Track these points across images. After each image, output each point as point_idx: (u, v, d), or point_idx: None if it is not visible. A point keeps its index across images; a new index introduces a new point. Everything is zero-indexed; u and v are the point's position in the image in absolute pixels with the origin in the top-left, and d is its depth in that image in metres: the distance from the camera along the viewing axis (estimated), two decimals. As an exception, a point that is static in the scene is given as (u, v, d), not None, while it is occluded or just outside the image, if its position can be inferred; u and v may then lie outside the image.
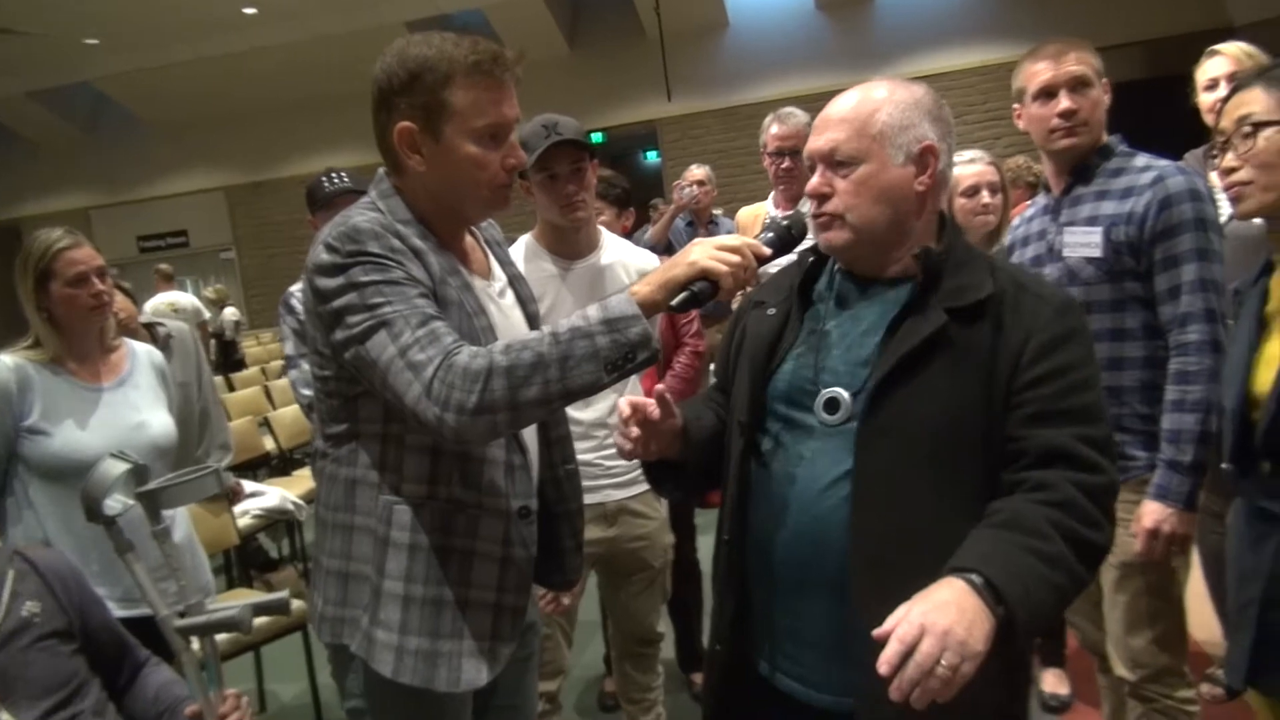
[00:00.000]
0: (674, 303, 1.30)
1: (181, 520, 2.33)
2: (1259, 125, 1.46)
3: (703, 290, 1.29)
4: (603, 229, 2.38)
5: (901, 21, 10.58)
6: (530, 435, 1.57)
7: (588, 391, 1.30)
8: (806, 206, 1.43)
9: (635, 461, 1.50)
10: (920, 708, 1.01)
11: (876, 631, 1.04)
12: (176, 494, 1.61)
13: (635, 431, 1.33)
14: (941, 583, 1.08)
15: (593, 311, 1.29)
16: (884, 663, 1.01)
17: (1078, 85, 1.94)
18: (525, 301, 1.63)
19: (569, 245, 2.26)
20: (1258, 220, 1.53)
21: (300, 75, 11.61)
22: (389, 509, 1.42)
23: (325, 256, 1.36)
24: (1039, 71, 1.97)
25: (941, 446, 1.23)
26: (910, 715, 1.17)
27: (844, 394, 1.29)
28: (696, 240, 1.35)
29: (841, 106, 1.34)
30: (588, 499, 1.78)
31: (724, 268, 1.28)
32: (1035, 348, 1.23)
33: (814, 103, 1.37)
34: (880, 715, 1.20)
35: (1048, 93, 1.96)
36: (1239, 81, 1.53)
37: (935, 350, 1.23)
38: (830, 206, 1.31)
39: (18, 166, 13.60)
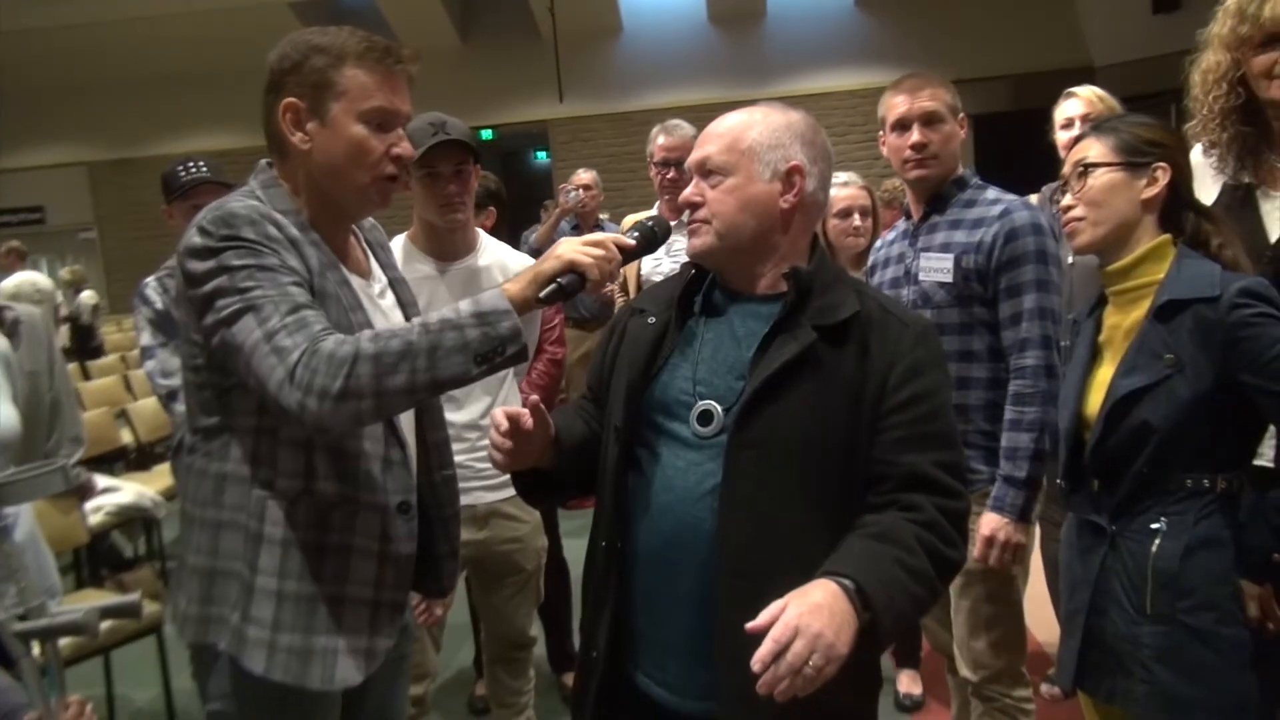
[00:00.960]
0: (542, 295, 1.33)
1: (24, 518, 2.21)
2: (1090, 167, 1.59)
3: (570, 283, 1.33)
4: (480, 231, 2.38)
5: (790, 40, 10.89)
6: (409, 434, 1.55)
7: (455, 383, 1.31)
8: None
9: None
10: (781, 700, 1.07)
11: (750, 625, 1.09)
12: (17, 491, 1.54)
13: (508, 444, 1.34)
14: (816, 583, 1.14)
15: (464, 305, 1.30)
16: (758, 660, 1.06)
17: (930, 120, 2.05)
18: (406, 305, 1.62)
19: (445, 246, 2.25)
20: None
21: (176, 49, 11.06)
22: (262, 504, 1.38)
23: (198, 240, 1.33)
24: (896, 104, 2.09)
25: (807, 461, 1.28)
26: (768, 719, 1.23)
27: (717, 407, 1.33)
28: (563, 239, 1.39)
29: (720, 124, 1.40)
30: (460, 501, 1.77)
31: (589, 260, 1.32)
32: (900, 373, 1.30)
33: (704, 113, 1.43)
34: (739, 718, 1.26)
35: (903, 125, 2.08)
36: (1080, 133, 1.67)
37: (804, 368, 1.29)
38: (699, 213, 1.38)
39: None
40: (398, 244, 2.24)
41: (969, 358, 2.04)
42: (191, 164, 2.63)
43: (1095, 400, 1.57)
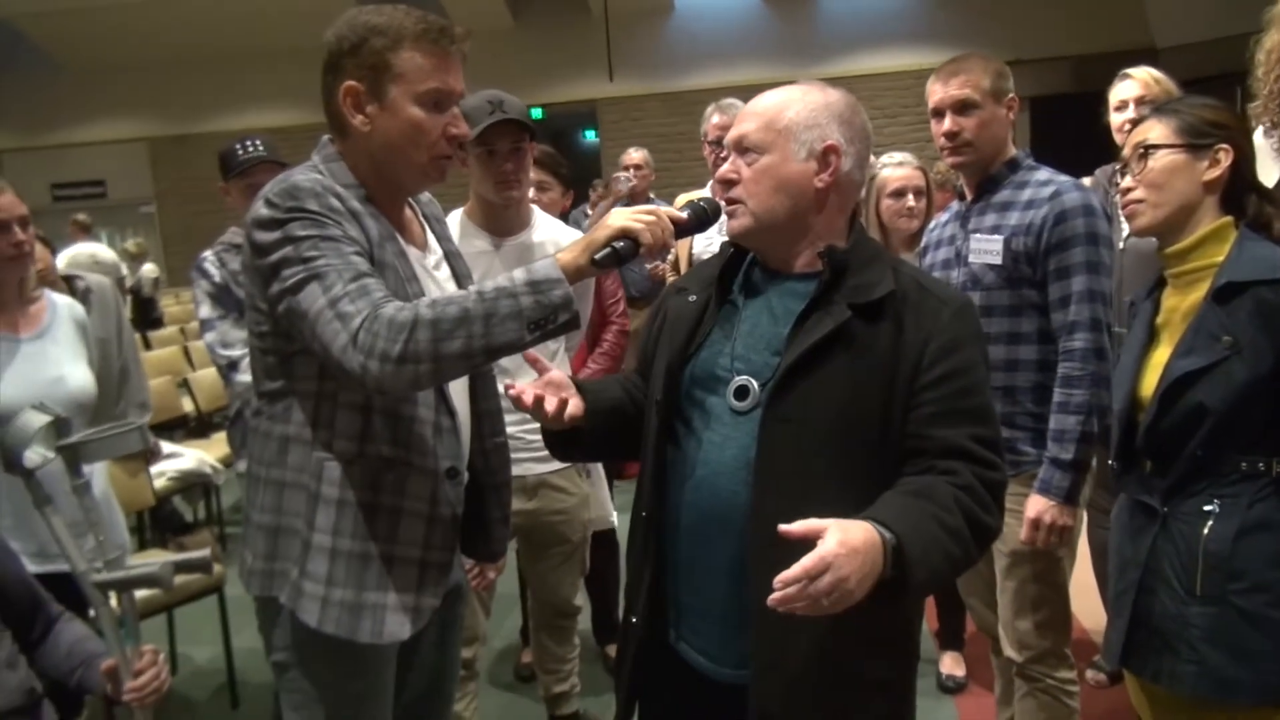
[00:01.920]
0: (597, 257, 1.36)
1: (99, 476, 2.30)
2: (1151, 148, 1.58)
3: (625, 247, 1.36)
4: (535, 207, 2.41)
5: (842, 20, 10.76)
6: (461, 402, 1.60)
7: (510, 349, 1.35)
8: None
9: None
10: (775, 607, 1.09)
11: (784, 528, 1.11)
12: (99, 448, 1.61)
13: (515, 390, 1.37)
14: (859, 525, 1.14)
15: (518, 274, 1.34)
16: (781, 579, 1.08)
17: (962, 108, 2.03)
18: (461, 277, 1.66)
19: (500, 222, 2.29)
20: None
21: (233, 27, 11.25)
22: (320, 465, 1.44)
23: (264, 211, 1.39)
24: (932, 92, 2.08)
25: (839, 436, 1.29)
26: (799, 686, 1.27)
27: (753, 382, 1.35)
28: (614, 210, 1.42)
29: (759, 102, 1.41)
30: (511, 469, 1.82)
31: (641, 225, 1.36)
32: (935, 349, 1.30)
33: (755, 93, 1.43)
34: (772, 684, 1.30)
35: (937, 113, 2.08)
36: (1141, 115, 1.65)
37: (838, 345, 1.30)
38: (735, 193, 1.38)
39: (-77, 103, 12.91)
40: (454, 219, 2.28)
41: (1018, 340, 2.02)
42: (249, 142, 2.69)
43: (1150, 381, 1.57)
